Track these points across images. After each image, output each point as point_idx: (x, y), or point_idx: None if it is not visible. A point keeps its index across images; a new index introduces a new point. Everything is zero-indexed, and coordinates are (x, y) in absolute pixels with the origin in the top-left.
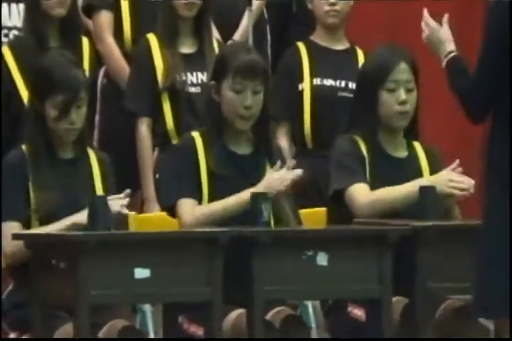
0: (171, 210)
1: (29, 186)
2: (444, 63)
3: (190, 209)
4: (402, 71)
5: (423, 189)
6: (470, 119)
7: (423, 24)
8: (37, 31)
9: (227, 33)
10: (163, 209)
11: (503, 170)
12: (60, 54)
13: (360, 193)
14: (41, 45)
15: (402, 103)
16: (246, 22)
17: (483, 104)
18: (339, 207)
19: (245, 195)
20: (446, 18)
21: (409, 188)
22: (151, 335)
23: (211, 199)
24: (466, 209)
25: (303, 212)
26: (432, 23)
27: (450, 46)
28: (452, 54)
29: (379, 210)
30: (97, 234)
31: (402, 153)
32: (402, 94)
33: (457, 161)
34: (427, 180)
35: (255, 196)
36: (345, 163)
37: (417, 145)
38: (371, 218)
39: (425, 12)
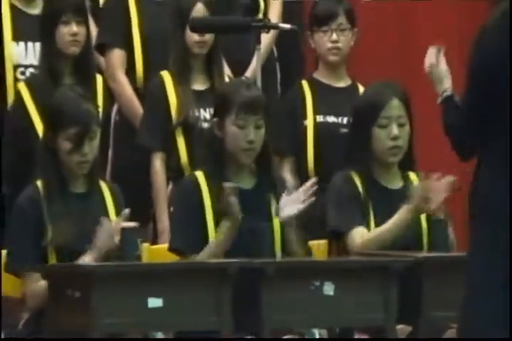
0: (177, 253)
1: (44, 221)
2: (438, 101)
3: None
4: (394, 107)
5: (434, 222)
6: (458, 156)
7: (426, 60)
8: (52, 69)
9: (238, 70)
10: (171, 251)
11: (490, 205)
12: (72, 89)
13: (360, 237)
14: (56, 82)
15: (395, 138)
16: (255, 60)
17: (471, 135)
18: (338, 241)
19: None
20: (441, 53)
21: (395, 222)
22: None
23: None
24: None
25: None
26: (432, 59)
27: (446, 84)
28: (446, 93)
29: (377, 248)
30: (110, 264)
31: (397, 185)
32: (394, 130)
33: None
34: (406, 209)
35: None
36: (343, 204)
37: (412, 175)
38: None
39: (430, 49)
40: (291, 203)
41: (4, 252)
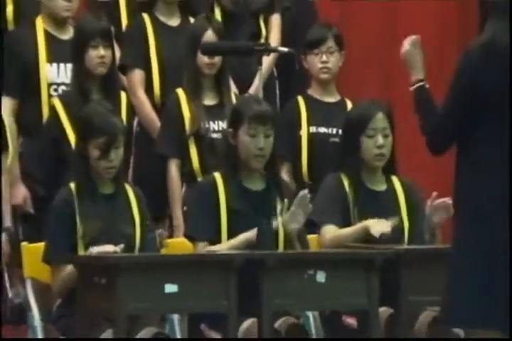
0: (191, 239)
1: (76, 217)
2: (411, 88)
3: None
4: (380, 120)
5: (415, 220)
6: (430, 150)
7: (402, 47)
8: (82, 86)
9: (243, 87)
10: (185, 237)
11: (470, 203)
12: (100, 104)
13: (327, 233)
14: (86, 98)
15: (380, 147)
16: (257, 81)
17: (448, 140)
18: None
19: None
20: (418, 40)
21: (355, 230)
22: None
23: (229, 231)
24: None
25: None
26: (407, 45)
27: (420, 74)
28: (420, 83)
29: (337, 245)
30: (133, 255)
31: (381, 187)
32: (379, 140)
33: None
34: (366, 223)
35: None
36: (327, 201)
37: (394, 179)
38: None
39: (408, 38)
40: (294, 218)
41: (34, 246)
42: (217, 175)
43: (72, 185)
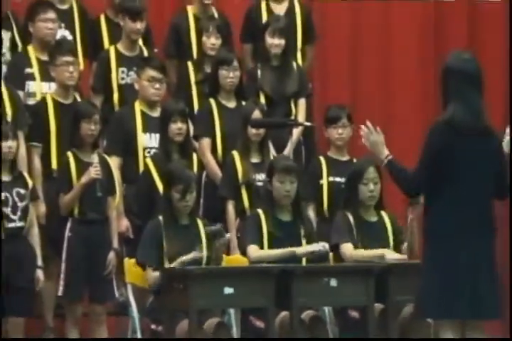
0: (244, 254)
1: (163, 241)
2: (383, 165)
3: (255, 251)
4: (371, 172)
5: (398, 234)
6: (406, 195)
7: (362, 136)
8: (166, 150)
9: (279, 150)
10: (240, 254)
11: (433, 235)
12: (179, 162)
13: (347, 250)
14: (169, 158)
15: (371, 191)
16: (289, 146)
17: (419, 189)
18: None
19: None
20: (372, 128)
21: (374, 254)
22: (234, 328)
23: (269, 248)
24: None
25: None
26: (365, 129)
27: (385, 150)
28: (389, 157)
29: (354, 260)
30: (200, 267)
31: (374, 219)
32: (371, 186)
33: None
34: (383, 251)
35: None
36: (340, 229)
37: (383, 213)
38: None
39: (362, 127)
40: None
41: (132, 260)
42: (259, 211)
43: (160, 218)
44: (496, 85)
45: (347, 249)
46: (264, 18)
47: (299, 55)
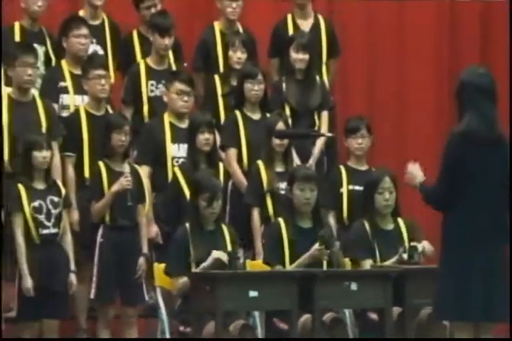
0: (267, 264)
1: (190, 247)
2: (418, 190)
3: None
4: (386, 182)
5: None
6: (439, 209)
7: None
8: (194, 159)
9: (303, 160)
10: (264, 263)
11: (451, 242)
12: (206, 171)
13: (368, 265)
14: (196, 167)
15: (387, 200)
16: (313, 156)
17: (447, 199)
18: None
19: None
20: (414, 164)
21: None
22: (259, 329)
23: (290, 255)
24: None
25: None
26: (407, 169)
27: (420, 179)
28: (421, 183)
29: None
30: (226, 272)
31: (390, 226)
32: (386, 195)
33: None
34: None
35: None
36: (359, 243)
37: (399, 220)
38: None
39: (409, 165)
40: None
41: (162, 265)
42: (280, 220)
43: (187, 225)
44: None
45: (367, 265)
46: (291, 33)
47: (324, 68)
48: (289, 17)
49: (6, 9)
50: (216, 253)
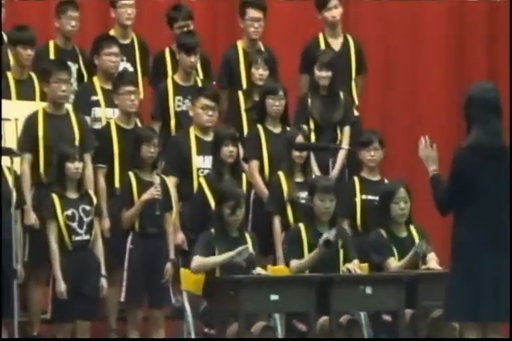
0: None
1: (215, 249)
2: (429, 177)
3: (296, 262)
4: (401, 192)
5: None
6: (440, 213)
7: (419, 148)
8: (218, 170)
9: (323, 171)
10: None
11: (460, 247)
12: (230, 182)
13: (392, 263)
14: (220, 177)
15: (402, 210)
16: (336, 168)
17: (449, 207)
18: (375, 265)
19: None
20: (429, 143)
21: (403, 263)
22: (279, 331)
23: (310, 258)
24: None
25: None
26: (422, 145)
27: (433, 165)
28: (434, 172)
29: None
30: (250, 276)
31: (404, 234)
32: (401, 205)
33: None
34: (406, 260)
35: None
36: (380, 247)
37: (412, 227)
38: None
39: (422, 139)
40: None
41: (188, 270)
42: (301, 225)
43: (213, 230)
44: None
45: (391, 262)
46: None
47: (353, 84)
48: (321, 36)
49: (41, 28)
50: (244, 246)
